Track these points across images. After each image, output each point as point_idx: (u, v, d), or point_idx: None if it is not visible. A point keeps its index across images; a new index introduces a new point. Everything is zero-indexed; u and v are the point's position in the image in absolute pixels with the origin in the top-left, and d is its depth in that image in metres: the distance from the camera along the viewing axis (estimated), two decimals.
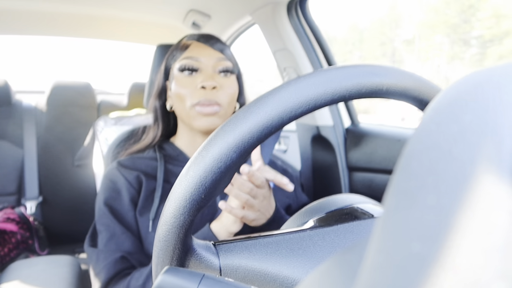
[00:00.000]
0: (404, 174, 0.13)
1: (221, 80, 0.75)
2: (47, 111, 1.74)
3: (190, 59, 0.75)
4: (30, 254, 1.37)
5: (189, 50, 0.77)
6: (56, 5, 1.30)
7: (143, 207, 0.71)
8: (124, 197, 0.71)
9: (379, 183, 1.01)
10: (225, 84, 0.75)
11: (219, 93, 0.73)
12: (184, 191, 0.29)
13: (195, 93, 0.72)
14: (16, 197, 1.63)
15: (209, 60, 0.75)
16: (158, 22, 1.52)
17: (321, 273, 0.20)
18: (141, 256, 0.68)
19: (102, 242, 0.67)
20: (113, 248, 0.66)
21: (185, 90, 0.73)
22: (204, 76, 0.73)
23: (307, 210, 0.45)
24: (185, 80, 0.74)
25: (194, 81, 0.74)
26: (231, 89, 0.76)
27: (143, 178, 0.73)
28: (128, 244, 0.67)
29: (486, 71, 0.16)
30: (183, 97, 0.73)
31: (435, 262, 0.10)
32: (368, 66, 0.32)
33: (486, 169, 0.11)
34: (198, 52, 0.76)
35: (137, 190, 0.72)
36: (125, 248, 0.66)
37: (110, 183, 0.73)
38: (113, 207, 0.71)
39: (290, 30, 1.09)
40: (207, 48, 0.76)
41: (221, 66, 0.76)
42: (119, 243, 0.66)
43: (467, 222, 0.10)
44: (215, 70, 0.75)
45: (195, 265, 0.33)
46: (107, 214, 0.69)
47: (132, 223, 0.70)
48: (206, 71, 0.74)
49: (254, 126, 0.29)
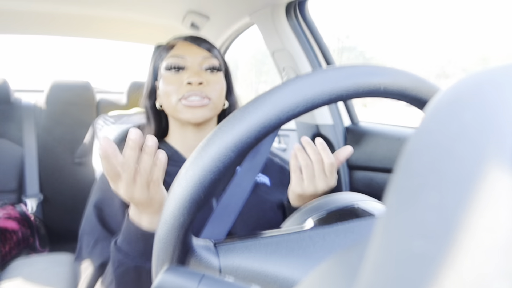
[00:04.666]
0: (406, 173, 0.13)
1: (207, 76, 0.75)
2: (46, 110, 1.75)
3: (176, 57, 0.76)
4: (31, 252, 1.37)
5: (175, 49, 0.77)
6: (56, 5, 1.30)
7: None
8: (115, 199, 0.71)
9: (379, 182, 1.01)
10: (212, 80, 0.75)
11: (206, 88, 0.74)
12: (184, 191, 0.29)
13: (181, 88, 0.73)
14: (16, 195, 1.64)
15: (195, 58, 0.76)
16: (156, 22, 1.52)
17: (322, 273, 0.20)
18: None
19: (87, 250, 0.67)
20: (96, 254, 0.65)
21: (172, 86, 0.74)
22: (190, 72, 0.74)
23: (308, 208, 0.45)
24: (172, 77, 0.75)
25: (180, 78, 0.74)
26: (219, 85, 0.76)
27: None
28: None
29: (486, 71, 0.16)
30: (170, 93, 0.74)
31: (437, 261, 0.10)
32: (366, 66, 0.32)
33: (487, 167, 0.11)
34: (183, 50, 0.76)
35: None
36: (108, 254, 0.66)
37: (102, 184, 0.74)
38: (102, 209, 0.70)
39: (289, 30, 1.09)
40: (193, 46, 0.77)
41: (207, 64, 0.76)
42: (103, 248, 0.66)
43: (469, 221, 0.10)
44: (201, 67, 0.76)
45: (195, 265, 0.33)
46: (93, 218, 0.69)
47: (119, 227, 0.69)
48: (192, 69, 0.75)
49: (252, 125, 0.29)
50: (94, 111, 1.82)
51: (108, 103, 1.87)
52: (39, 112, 1.75)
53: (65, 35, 1.73)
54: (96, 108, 1.84)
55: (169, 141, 0.82)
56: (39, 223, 1.47)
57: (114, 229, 0.69)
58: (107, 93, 2.04)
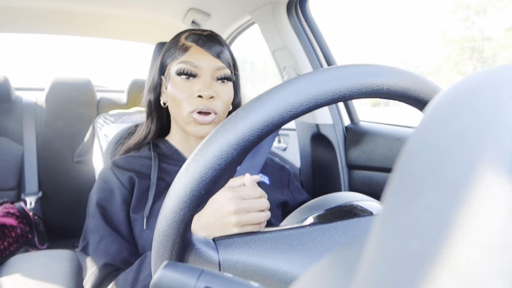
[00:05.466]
0: (404, 173, 0.13)
1: (218, 88, 0.75)
2: (47, 107, 1.74)
3: (189, 64, 0.74)
4: (29, 248, 1.38)
5: (189, 54, 0.75)
6: (57, 3, 1.30)
7: (137, 205, 0.71)
8: (117, 197, 0.71)
9: (378, 181, 1.02)
10: (222, 91, 0.75)
11: (216, 102, 0.73)
12: (185, 186, 0.29)
13: (192, 100, 0.73)
14: (16, 192, 1.64)
15: (208, 68, 0.74)
16: (158, 20, 1.52)
17: (320, 269, 0.20)
18: (130, 257, 0.68)
19: (92, 247, 0.68)
20: (100, 252, 0.67)
21: (182, 95, 0.73)
22: (202, 84, 0.73)
23: (307, 207, 0.45)
24: (182, 84, 0.74)
25: (191, 87, 0.73)
26: (227, 97, 0.76)
27: (136, 178, 0.73)
28: (115, 247, 0.67)
29: (486, 72, 0.16)
30: (180, 101, 0.73)
31: (433, 260, 0.10)
32: (369, 66, 0.32)
33: (485, 168, 0.11)
34: (197, 58, 0.75)
35: (130, 191, 0.73)
36: (112, 251, 0.67)
37: (103, 183, 0.74)
38: (105, 207, 0.71)
39: (290, 29, 1.09)
40: (207, 54, 0.75)
41: (219, 74, 0.75)
42: (107, 245, 0.67)
43: (466, 221, 0.10)
44: (213, 77, 0.75)
45: (195, 260, 0.33)
46: (97, 216, 0.70)
47: (122, 224, 0.70)
48: (204, 79, 0.74)
49: (254, 123, 0.29)
50: (94, 110, 1.82)
51: (109, 101, 1.87)
52: (39, 110, 1.75)
53: (66, 33, 1.73)
54: (97, 106, 1.84)
55: (170, 140, 0.82)
56: (37, 220, 1.47)
57: (116, 226, 0.70)
58: (107, 92, 2.04)
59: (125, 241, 0.69)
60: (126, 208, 0.71)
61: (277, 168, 0.86)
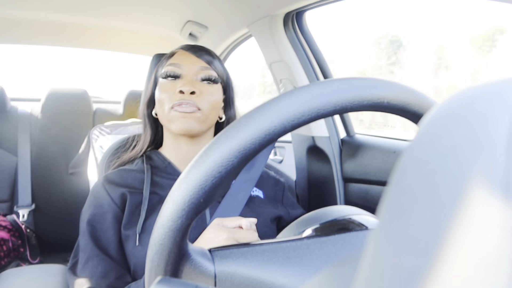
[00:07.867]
0: (398, 189, 0.13)
1: (202, 87, 0.75)
2: (42, 118, 1.73)
3: (173, 65, 0.76)
4: (21, 263, 1.35)
5: (173, 58, 0.78)
6: (55, 15, 1.31)
7: (129, 222, 0.69)
8: (107, 215, 0.70)
9: (374, 195, 1.01)
10: (206, 90, 0.75)
11: (198, 98, 0.74)
12: (183, 194, 0.28)
13: (173, 96, 0.73)
14: (8, 205, 1.61)
15: (192, 68, 0.76)
16: (155, 32, 1.53)
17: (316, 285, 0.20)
18: (116, 281, 0.66)
19: (79, 266, 0.67)
20: (86, 274, 0.65)
21: (165, 94, 0.74)
22: (184, 81, 0.74)
23: (303, 220, 0.45)
24: (167, 85, 0.76)
25: (174, 86, 0.75)
26: (212, 97, 0.76)
27: (128, 194, 0.72)
28: (101, 269, 0.66)
29: (479, 87, 0.16)
30: (163, 101, 0.74)
31: (428, 276, 0.10)
32: (370, 79, 0.33)
33: (478, 184, 0.11)
34: (181, 59, 0.77)
35: (121, 208, 0.71)
36: (98, 274, 0.65)
37: (94, 200, 0.73)
38: (95, 226, 0.70)
39: (286, 42, 1.10)
40: (191, 56, 0.78)
41: (203, 74, 0.76)
42: (93, 267, 0.66)
43: (459, 238, 0.10)
44: (197, 77, 0.76)
45: (190, 271, 0.32)
46: (86, 235, 0.69)
47: (111, 243, 0.69)
48: (187, 78, 0.75)
49: (256, 131, 0.28)
50: (90, 121, 1.81)
51: (105, 112, 1.86)
52: (34, 120, 1.74)
53: (64, 45, 1.74)
54: (93, 117, 1.83)
55: (163, 152, 0.81)
56: (30, 233, 1.45)
57: (105, 246, 0.68)
58: (104, 102, 2.04)
59: (113, 261, 0.67)
60: (116, 225, 0.70)
61: (271, 182, 0.86)
